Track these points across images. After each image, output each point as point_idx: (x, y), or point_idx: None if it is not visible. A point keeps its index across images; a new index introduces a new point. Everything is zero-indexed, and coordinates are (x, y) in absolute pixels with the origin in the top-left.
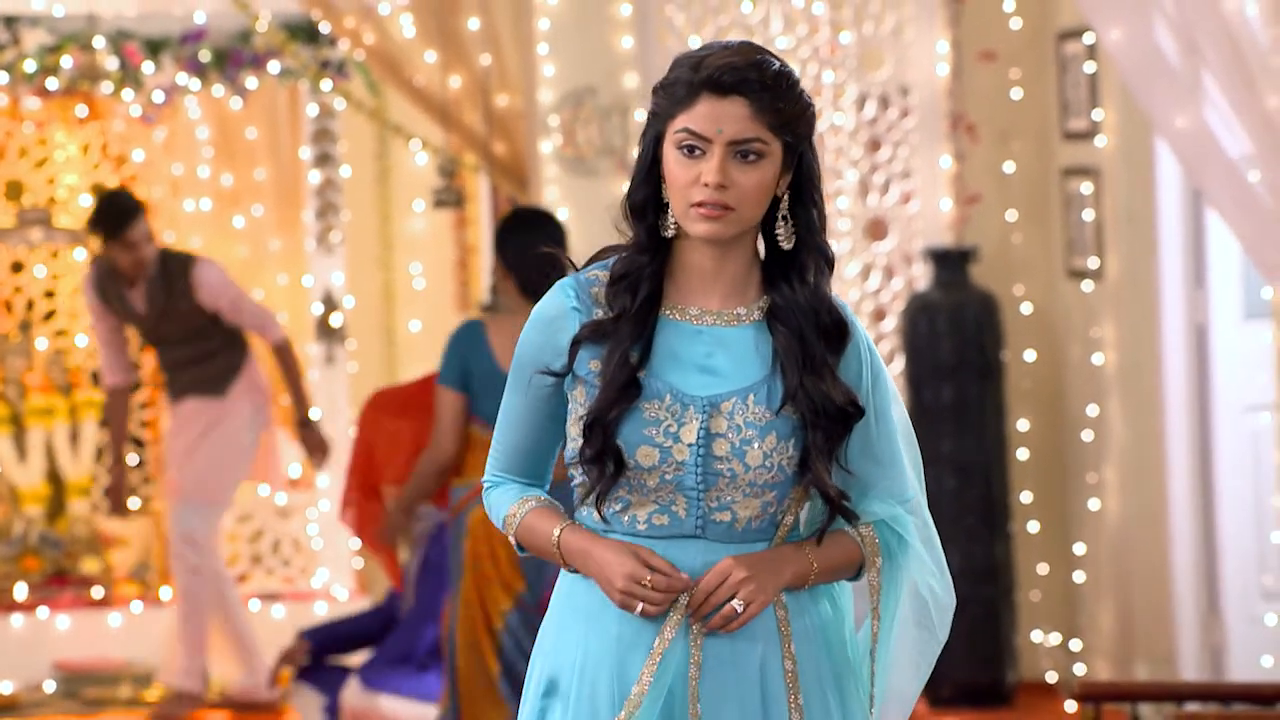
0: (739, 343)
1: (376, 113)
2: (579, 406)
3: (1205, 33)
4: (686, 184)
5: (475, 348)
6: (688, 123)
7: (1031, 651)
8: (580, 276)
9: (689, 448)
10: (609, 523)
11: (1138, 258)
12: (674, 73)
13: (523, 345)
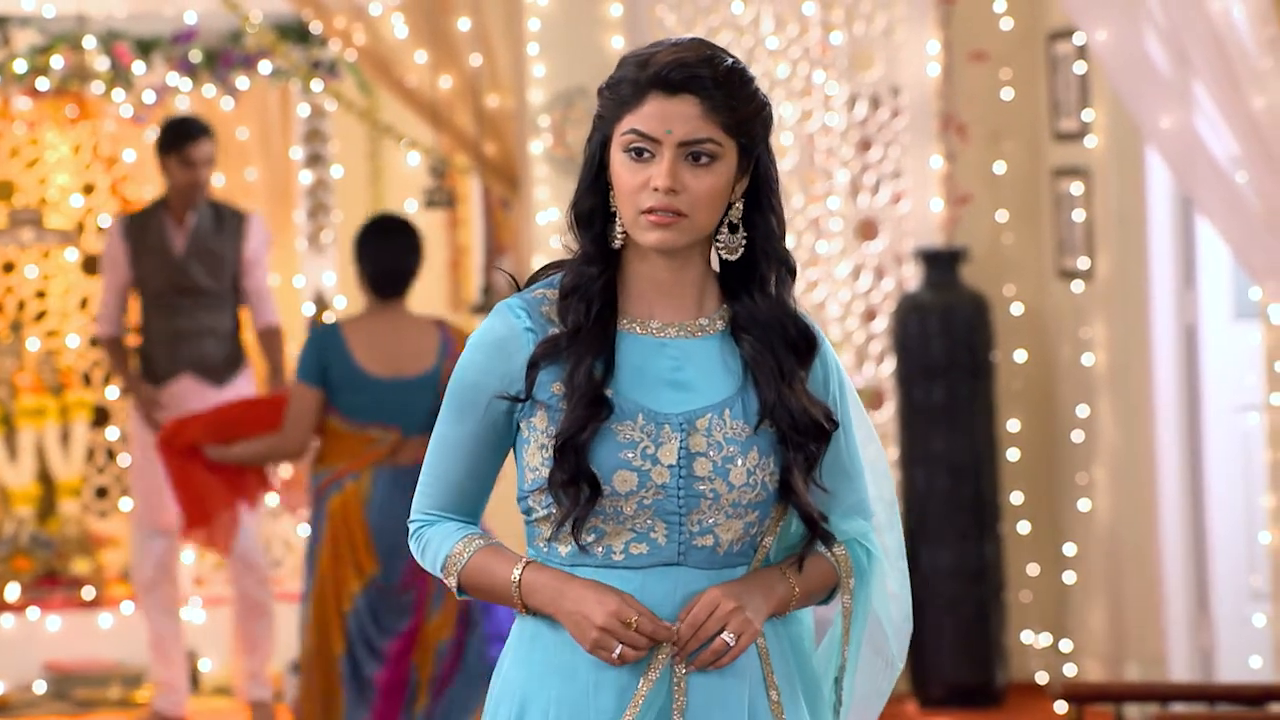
0: (705, 355)
1: (368, 113)
2: (539, 434)
3: (1191, 35)
4: (635, 189)
5: (334, 348)
6: (635, 123)
7: (1022, 652)
8: (526, 295)
9: (669, 469)
10: (585, 553)
11: (1128, 258)
12: (620, 72)
13: (465, 371)
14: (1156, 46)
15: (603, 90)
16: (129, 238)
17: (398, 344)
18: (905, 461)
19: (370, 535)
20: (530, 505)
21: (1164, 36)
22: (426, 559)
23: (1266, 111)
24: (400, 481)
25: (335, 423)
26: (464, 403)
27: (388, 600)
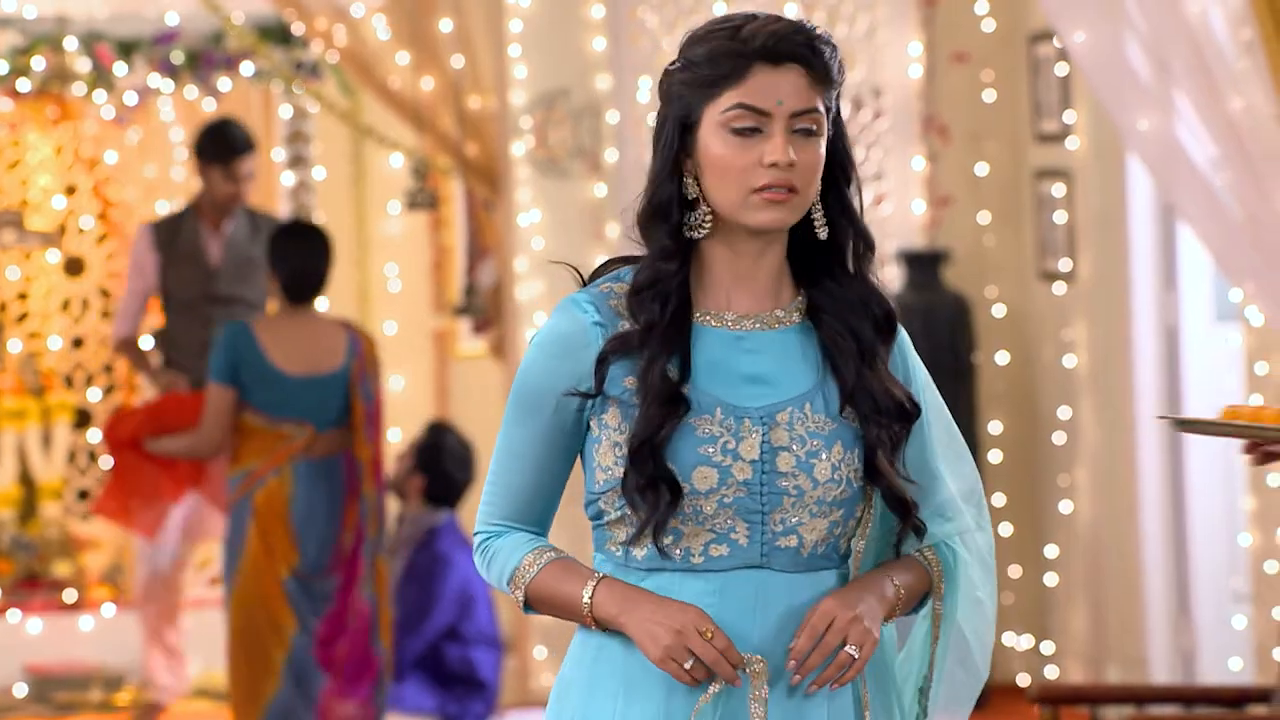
0: (784, 347)
1: (349, 115)
2: (612, 431)
3: (1169, 37)
4: (745, 168)
5: (246, 346)
6: (742, 98)
7: (1003, 654)
8: (592, 290)
9: (751, 465)
10: (663, 556)
11: (1109, 260)
12: (704, 46)
13: (530, 372)
14: (1135, 49)
15: (676, 71)
16: (159, 245)
17: (309, 343)
18: None
19: (293, 528)
20: (601, 508)
21: (1142, 40)
22: (492, 571)
23: (1244, 113)
24: (317, 474)
25: (251, 419)
26: (530, 405)
27: (308, 587)
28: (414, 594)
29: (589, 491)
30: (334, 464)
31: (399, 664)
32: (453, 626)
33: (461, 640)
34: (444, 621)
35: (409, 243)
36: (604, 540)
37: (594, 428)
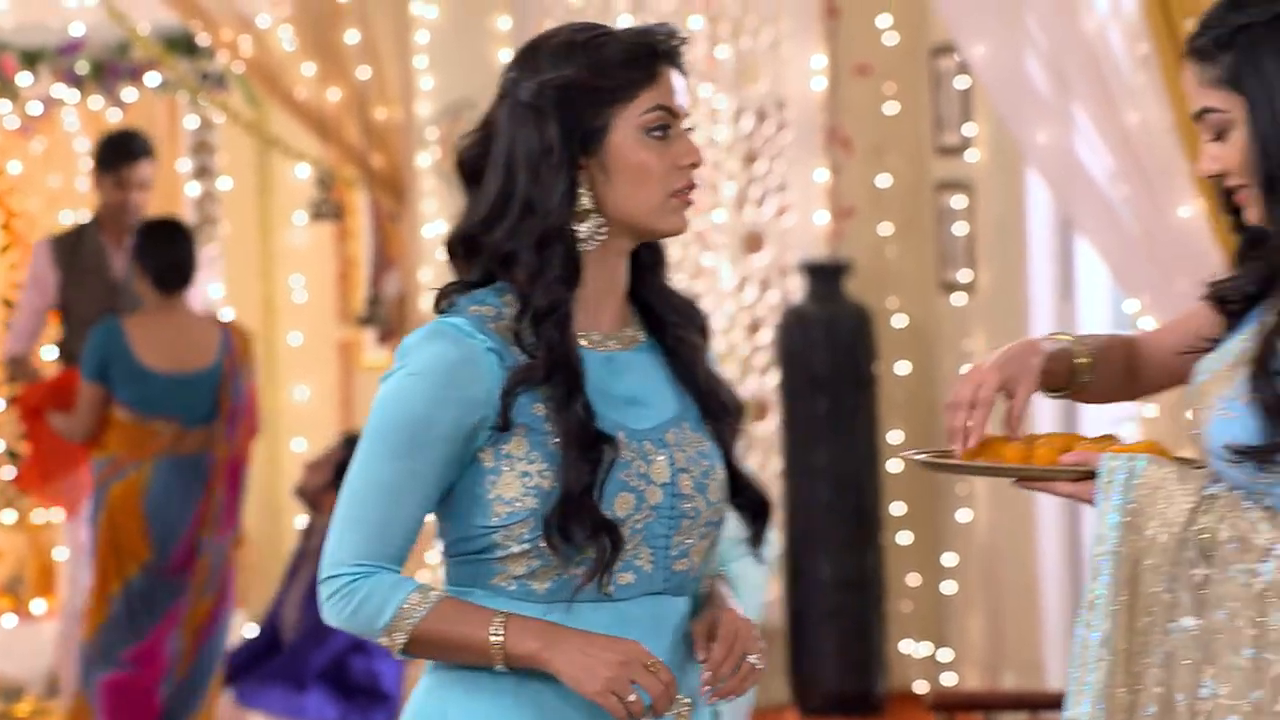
0: (643, 366)
1: (255, 125)
2: (517, 461)
3: (1068, 51)
4: (665, 171)
5: (115, 345)
6: (660, 99)
7: (901, 661)
8: (466, 315)
9: (662, 488)
10: (568, 590)
11: (1008, 271)
12: (603, 53)
13: (410, 403)
14: (1034, 64)
15: (579, 77)
16: (60, 261)
17: (180, 339)
18: (789, 473)
19: (146, 522)
20: (497, 541)
21: (1041, 54)
22: (361, 614)
23: (1141, 127)
24: (180, 471)
25: (120, 414)
26: (413, 437)
27: (161, 582)
28: None
29: (477, 525)
30: (199, 461)
31: (303, 674)
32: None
33: (366, 652)
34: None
35: (314, 253)
36: (488, 575)
37: (487, 459)
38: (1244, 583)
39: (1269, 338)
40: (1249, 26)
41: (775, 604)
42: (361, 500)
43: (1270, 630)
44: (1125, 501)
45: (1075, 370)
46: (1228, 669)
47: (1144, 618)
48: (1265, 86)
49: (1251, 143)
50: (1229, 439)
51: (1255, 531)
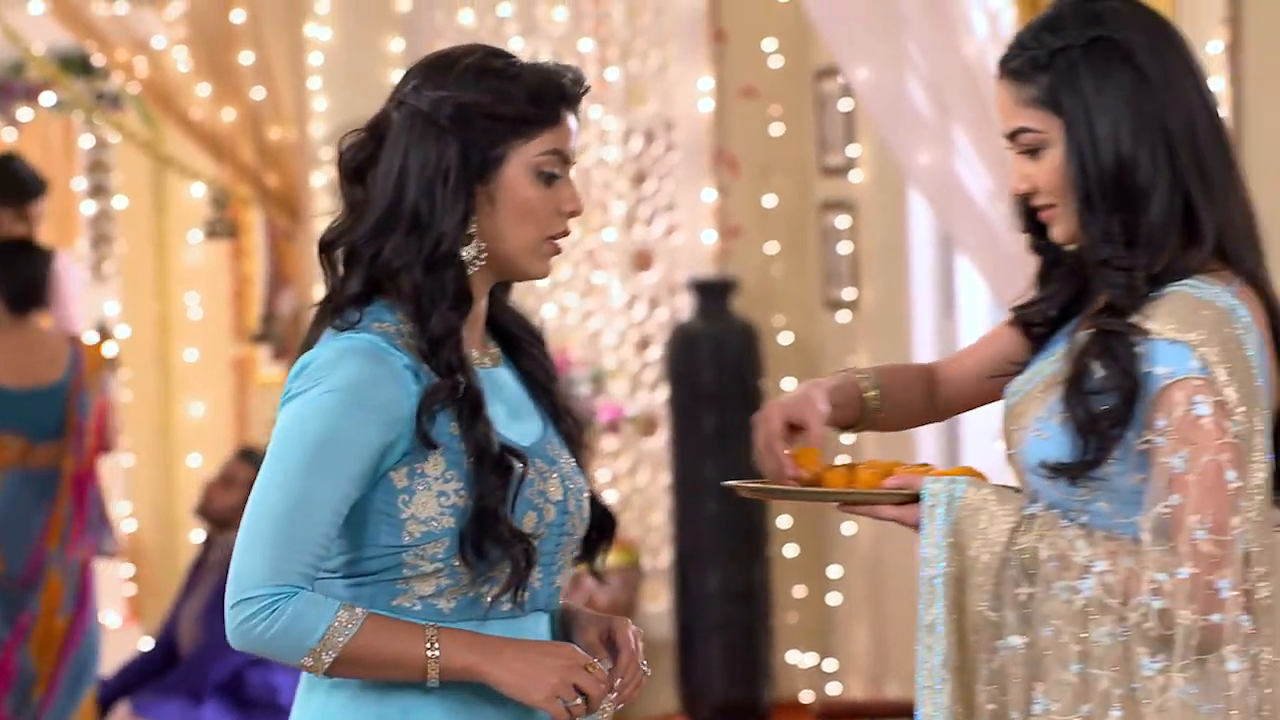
0: (507, 385)
1: (150, 145)
2: (433, 480)
3: (948, 75)
4: (547, 215)
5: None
6: (556, 143)
7: (788, 671)
8: (374, 331)
9: (555, 505)
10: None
11: (891, 289)
12: (513, 84)
13: (329, 422)
14: (915, 87)
15: (484, 102)
16: None
17: (29, 355)
18: (677, 487)
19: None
20: (406, 560)
21: (922, 77)
22: (286, 637)
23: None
24: (29, 484)
25: None
26: (330, 456)
27: (9, 594)
28: (221, 619)
29: (385, 546)
30: (48, 475)
31: (200, 687)
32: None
33: (264, 665)
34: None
35: (209, 271)
36: (390, 595)
37: (399, 478)
38: (1066, 599)
39: (1081, 358)
40: (1066, 49)
41: (664, 615)
42: (276, 519)
43: (1094, 646)
44: (948, 523)
45: (865, 403)
46: (1057, 684)
47: (972, 636)
48: (1083, 108)
49: (1067, 162)
50: (1044, 458)
51: (1074, 549)
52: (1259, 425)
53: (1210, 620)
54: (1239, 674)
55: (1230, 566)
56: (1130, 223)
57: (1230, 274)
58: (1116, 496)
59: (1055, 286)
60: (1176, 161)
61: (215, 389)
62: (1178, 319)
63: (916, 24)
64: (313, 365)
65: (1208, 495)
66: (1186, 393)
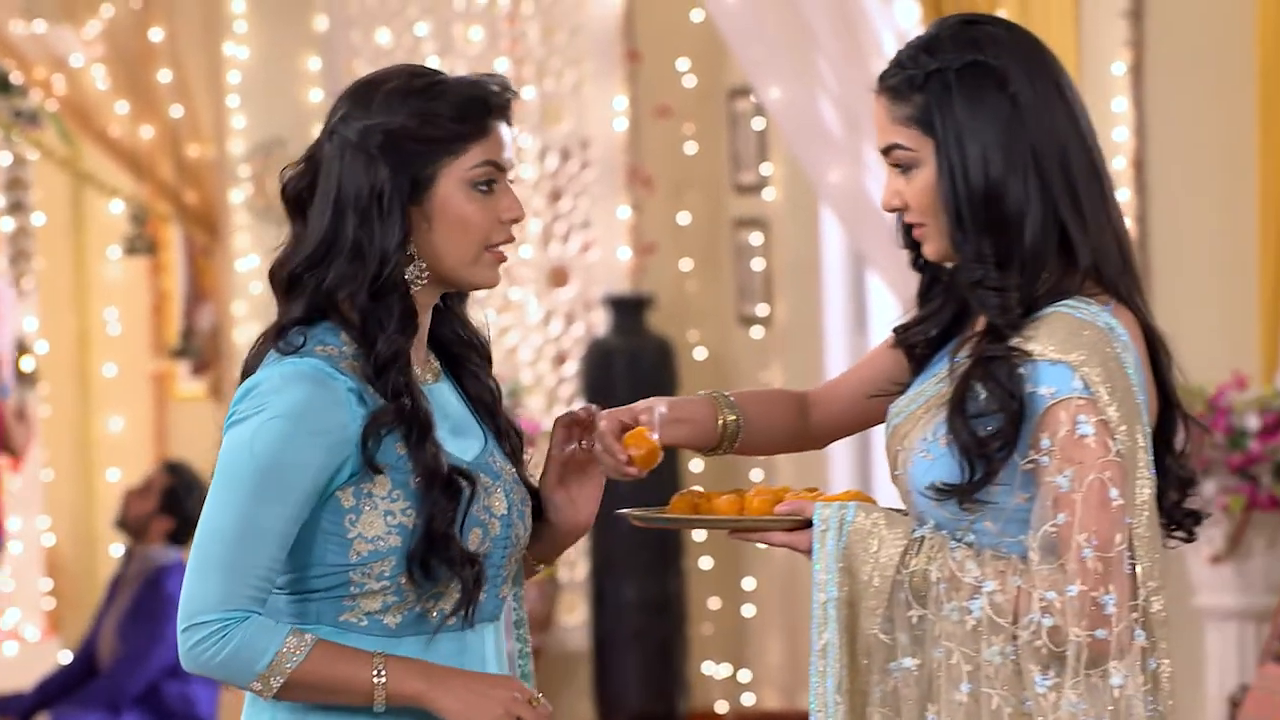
0: (451, 401)
1: (69, 162)
2: (380, 500)
3: (858, 94)
4: (487, 225)
5: None
6: (488, 154)
7: (703, 682)
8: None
9: (500, 520)
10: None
11: (804, 304)
12: (436, 103)
13: (276, 446)
14: (827, 106)
15: (409, 125)
16: None
17: None
18: None
19: None
20: (352, 578)
21: (833, 97)
22: (234, 661)
23: None
24: None
25: None
26: (278, 481)
27: None
28: (140, 631)
29: (332, 564)
30: None
31: (119, 700)
32: (175, 664)
33: (181, 677)
34: (169, 659)
35: (128, 287)
36: (338, 611)
37: (346, 498)
38: (957, 620)
39: (964, 381)
40: (941, 71)
41: (581, 627)
42: (225, 544)
43: (985, 665)
44: (840, 548)
45: (725, 426)
46: (949, 704)
47: (864, 659)
48: (954, 131)
49: (939, 183)
50: (931, 480)
51: (963, 570)
52: (1141, 442)
53: (1096, 636)
54: (1123, 688)
55: (1115, 582)
56: (1003, 245)
57: (1106, 295)
58: (1001, 515)
59: (935, 304)
60: (1048, 188)
61: (134, 403)
62: (1058, 340)
63: (827, 44)
64: (257, 390)
65: (1093, 513)
66: (1070, 412)
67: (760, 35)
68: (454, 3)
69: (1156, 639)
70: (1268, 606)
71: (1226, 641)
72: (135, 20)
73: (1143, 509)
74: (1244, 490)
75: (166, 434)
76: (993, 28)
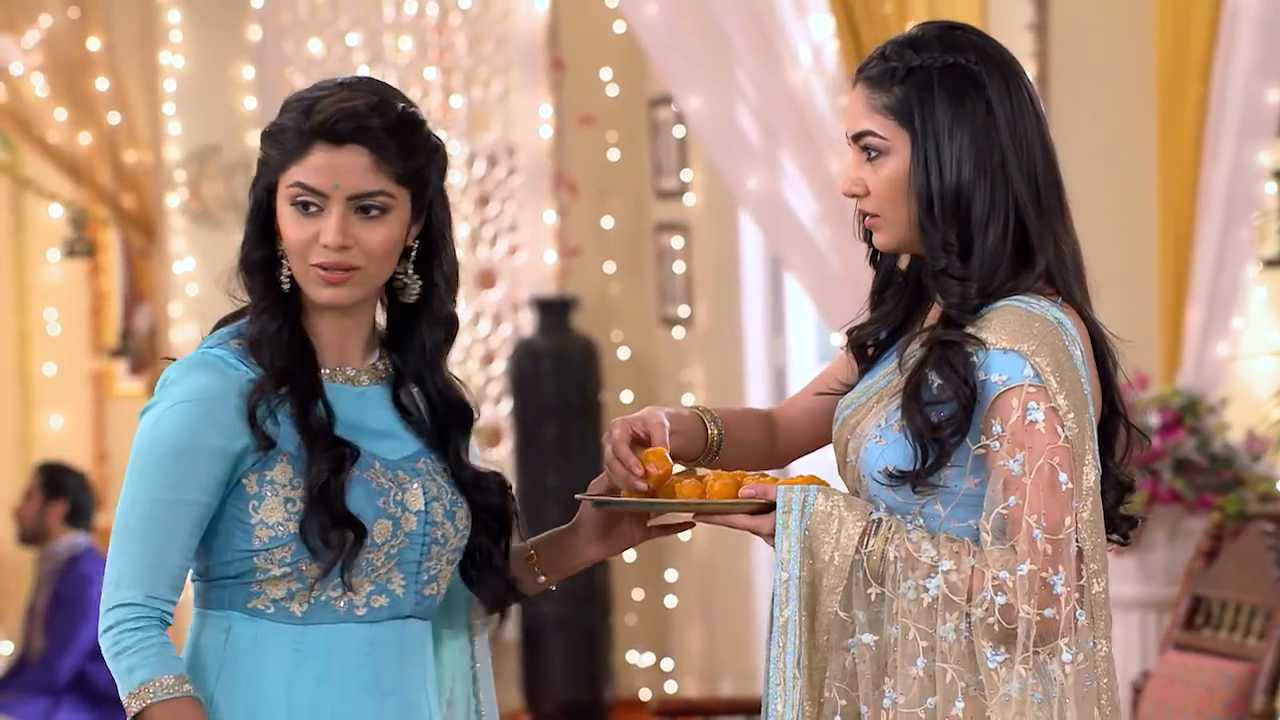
0: (381, 405)
1: (9, 168)
2: (280, 487)
3: (775, 103)
4: (304, 244)
5: None
6: (300, 176)
7: (627, 670)
8: (220, 346)
9: (416, 515)
10: (326, 609)
11: (724, 307)
12: (284, 117)
13: (179, 433)
14: (745, 115)
15: (266, 136)
16: None
17: None
18: (521, 495)
19: None
20: (256, 564)
21: (751, 106)
22: (118, 663)
23: (842, 174)
24: None
25: None
26: (179, 467)
27: None
28: (62, 618)
29: (237, 550)
30: None
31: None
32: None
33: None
34: (93, 638)
35: (68, 289)
36: (246, 598)
37: (250, 485)
38: (914, 598)
39: (919, 368)
40: (924, 68)
41: (509, 617)
42: (136, 532)
43: (941, 641)
44: (802, 529)
45: (709, 439)
46: (904, 679)
47: (824, 636)
48: (933, 127)
49: (912, 174)
50: (884, 464)
51: (920, 550)
52: (1089, 431)
53: (1045, 615)
54: (1072, 665)
55: (1063, 563)
56: (966, 240)
57: (1056, 294)
58: (951, 499)
59: (887, 307)
60: (1014, 195)
61: (74, 401)
62: (1010, 331)
63: (745, 56)
64: (164, 380)
65: (1043, 496)
66: (1021, 399)
67: (680, 46)
68: (384, 13)
69: (1097, 619)
70: (1168, 596)
71: (1129, 630)
72: (73, 30)
73: (1088, 495)
74: (1146, 485)
75: (105, 431)
76: (975, 36)
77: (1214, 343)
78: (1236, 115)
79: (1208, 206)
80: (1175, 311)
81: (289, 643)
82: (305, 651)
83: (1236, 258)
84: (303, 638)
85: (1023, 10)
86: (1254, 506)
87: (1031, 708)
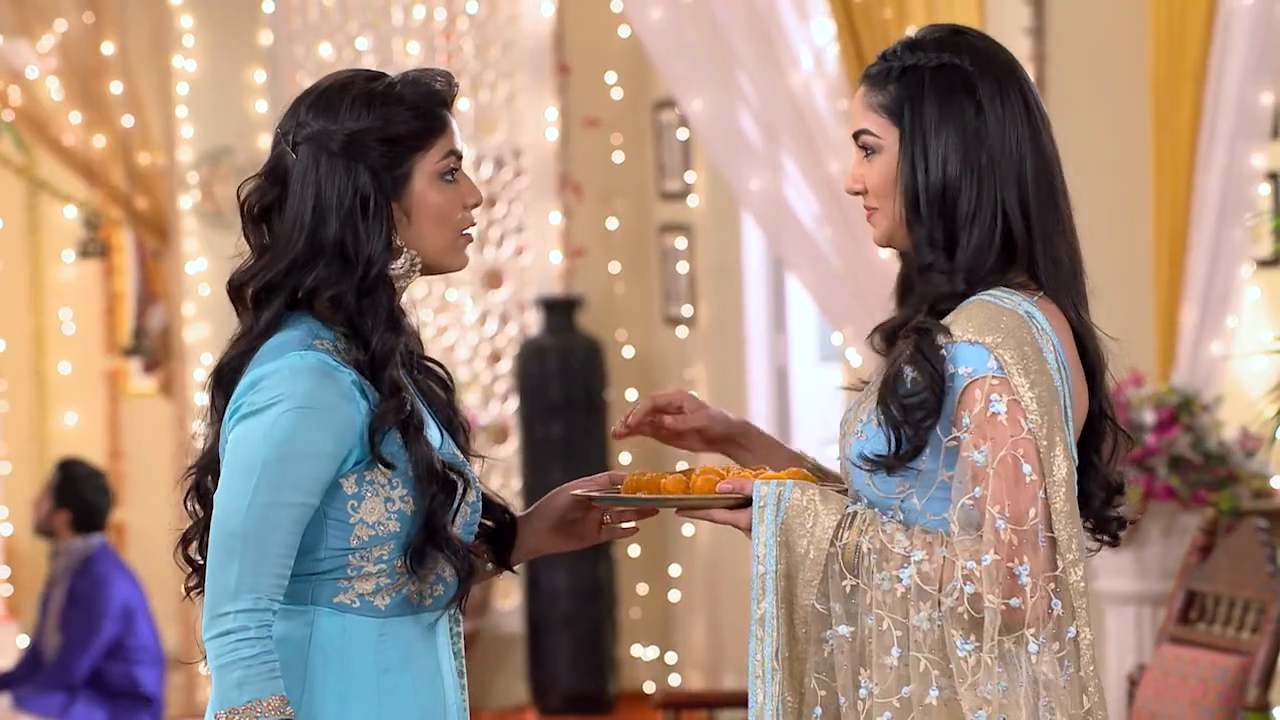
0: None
1: (25, 170)
2: (381, 488)
3: (776, 106)
4: (455, 212)
5: None
6: (449, 145)
7: (631, 664)
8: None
9: (471, 508)
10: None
11: (726, 306)
12: (400, 104)
13: (299, 436)
14: (746, 118)
15: (383, 128)
16: None
17: None
18: (527, 492)
19: None
20: (350, 560)
21: (753, 109)
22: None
23: (843, 175)
24: None
25: None
26: (297, 471)
27: None
28: (79, 617)
29: (331, 548)
30: None
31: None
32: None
33: (124, 658)
34: (109, 636)
35: (82, 289)
36: (333, 593)
37: (349, 485)
38: (888, 589)
39: (896, 362)
40: (917, 68)
41: (515, 612)
42: (249, 538)
43: (914, 630)
44: (777, 523)
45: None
46: (880, 668)
47: (801, 629)
48: (920, 127)
49: (900, 171)
50: (863, 452)
51: (893, 542)
52: (1058, 422)
53: (1010, 604)
54: (1039, 654)
55: (1028, 554)
56: (950, 236)
57: (1037, 289)
58: (927, 492)
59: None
60: (999, 196)
61: (88, 399)
62: (977, 323)
63: (747, 59)
64: (266, 382)
65: (1006, 487)
66: (985, 390)
67: (683, 51)
68: (393, 18)
69: (1075, 607)
70: (1164, 591)
71: (1125, 623)
72: (88, 34)
73: (1060, 485)
74: (1141, 481)
75: (119, 428)
76: (977, 39)
77: (1208, 341)
78: (1230, 117)
79: (1202, 207)
80: (1170, 311)
81: (373, 634)
82: (387, 641)
83: (1230, 258)
84: (384, 628)
85: (1020, 14)
86: (1247, 503)
87: (998, 696)
